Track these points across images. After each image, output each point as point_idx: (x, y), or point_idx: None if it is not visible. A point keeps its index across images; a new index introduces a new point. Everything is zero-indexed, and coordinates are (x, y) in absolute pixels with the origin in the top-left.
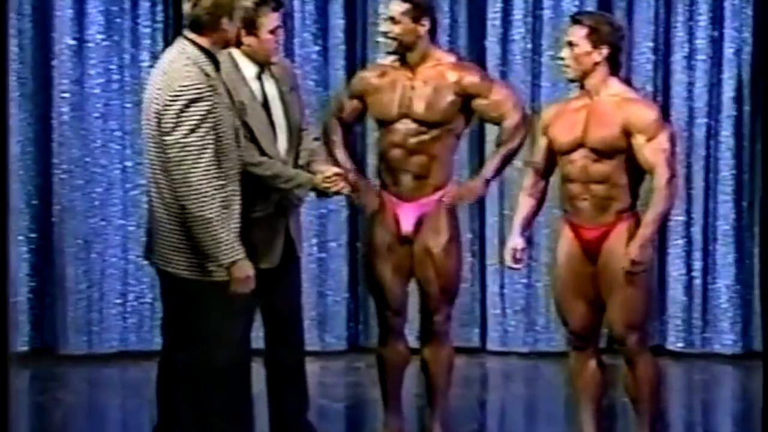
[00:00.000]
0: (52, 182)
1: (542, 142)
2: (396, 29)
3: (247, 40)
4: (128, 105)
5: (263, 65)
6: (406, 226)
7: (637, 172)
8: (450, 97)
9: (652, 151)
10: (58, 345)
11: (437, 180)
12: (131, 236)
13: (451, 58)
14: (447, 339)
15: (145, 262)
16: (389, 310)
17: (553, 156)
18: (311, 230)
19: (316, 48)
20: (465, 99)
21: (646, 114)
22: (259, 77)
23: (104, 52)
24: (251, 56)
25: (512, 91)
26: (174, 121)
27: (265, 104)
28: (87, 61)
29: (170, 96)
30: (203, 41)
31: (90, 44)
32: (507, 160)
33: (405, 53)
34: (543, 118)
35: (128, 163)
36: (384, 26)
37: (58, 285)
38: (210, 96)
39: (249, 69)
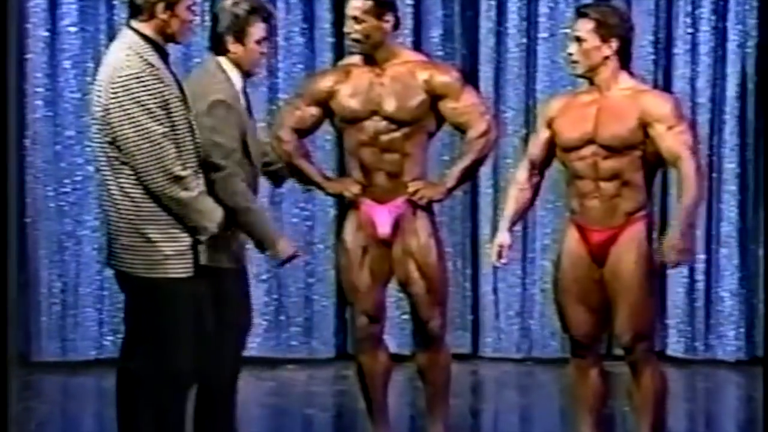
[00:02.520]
0: (25, 181)
1: (543, 135)
2: (359, 28)
3: (234, 47)
4: None
5: (247, 76)
6: (383, 228)
7: (649, 170)
8: (420, 96)
9: (674, 140)
10: (31, 352)
11: (413, 178)
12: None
13: (421, 57)
14: (443, 344)
15: None
16: (366, 318)
17: (552, 151)
18: (298, 233)
19: (302, 40)
20: (434, 99)
21: (662, 103)
22: (244, 90)
23: (78, 44)
24: (237, 64)
25: (481, 100)
26: (117, 102)
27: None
28: (61, 54)
29: (112, 88)
30: (145, 29)
31: (63, 35)
32: (470, 170)
33: (371, 52)
34: (548, 110)
35: None
36: (347, 26)
37: (31, 289)
38: (154, 82)
39: (237, 79)
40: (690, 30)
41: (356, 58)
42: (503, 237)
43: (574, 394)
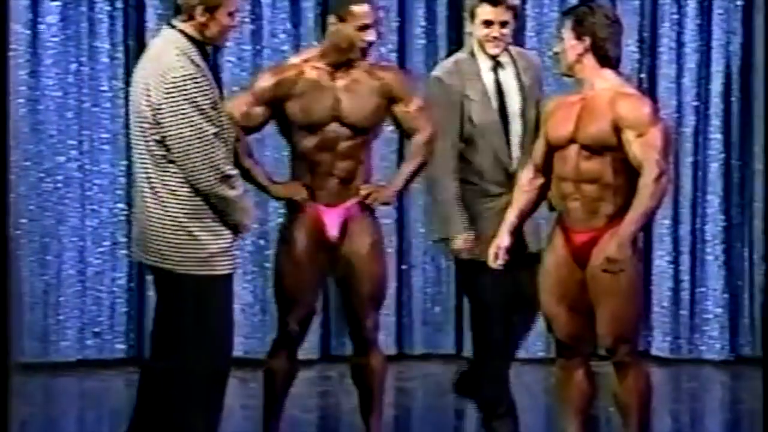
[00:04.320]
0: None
1: (542, 136)
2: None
3: (472, 29)
4: (85, 98)
5: (493, 57)
6: (332, 231)
7: (630, 173)
8: (376, 100)
9: (641, 147)
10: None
11: (361, 183)
12: (89, 238)
13: (370, 59)
14: (377, 347)
15: (105, 265)
16: (297, 322)
17: (552, 151)
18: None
19: (289, 37)
20: (389, 102)
21: (636, 108)
22: (494, 69)
23: (60, 41)
24: (480, 46)
25: (428, 105)
26: (171, 102)
27: (500, 95)
28: (42, 52)
29: (165, 88)
30: (188, 29)
31: (45, 33)
32: (416, 174)
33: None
34: (545, 111)
35: (86, 160)
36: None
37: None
38: (205, 82)
39: (485, 62)
40: (675, 29)
41: (311, 53)
42: (503, 239)
43: (560, 394)
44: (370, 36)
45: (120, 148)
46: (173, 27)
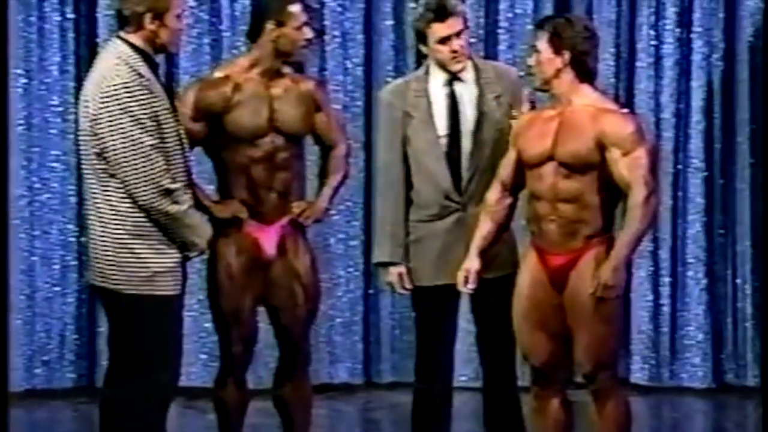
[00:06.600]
0: None
1: (511, 154)
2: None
3: (428, 50)
4: (36, 111)
5: (452, 72)
6: (270, 250)
7: (610, 192)
8: (304, 108)
9: (628, 166)
10: None
11: (296, 198)
12: (38, 262)
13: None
14: (308, 373)
15: (55, 290)
16: (243, 347)
17: (522, 170)
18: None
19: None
20: (313, 110)
21: (622, 126)
22: (450, 83)
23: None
24: (438, 64)
25: (343, 119)
26: (106, 112)
27: (454, 111)
28: None
29: (101, 98)
30: (135, 39)
31: None
32: (339, 188)
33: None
34: (515, 128)
35: (35, 179)
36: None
37: None
38: (142, 92)
39: (438, 78)
40: (653, 42)
41: (238, 64)
42: (471, 262)
43: (535, 424)
44: (309, 33)
45: (70, 165)
46: (120, 38)
